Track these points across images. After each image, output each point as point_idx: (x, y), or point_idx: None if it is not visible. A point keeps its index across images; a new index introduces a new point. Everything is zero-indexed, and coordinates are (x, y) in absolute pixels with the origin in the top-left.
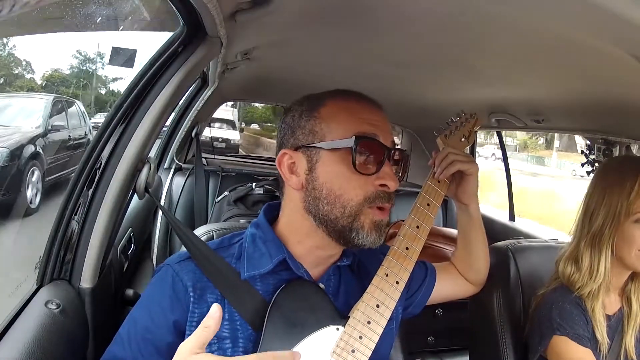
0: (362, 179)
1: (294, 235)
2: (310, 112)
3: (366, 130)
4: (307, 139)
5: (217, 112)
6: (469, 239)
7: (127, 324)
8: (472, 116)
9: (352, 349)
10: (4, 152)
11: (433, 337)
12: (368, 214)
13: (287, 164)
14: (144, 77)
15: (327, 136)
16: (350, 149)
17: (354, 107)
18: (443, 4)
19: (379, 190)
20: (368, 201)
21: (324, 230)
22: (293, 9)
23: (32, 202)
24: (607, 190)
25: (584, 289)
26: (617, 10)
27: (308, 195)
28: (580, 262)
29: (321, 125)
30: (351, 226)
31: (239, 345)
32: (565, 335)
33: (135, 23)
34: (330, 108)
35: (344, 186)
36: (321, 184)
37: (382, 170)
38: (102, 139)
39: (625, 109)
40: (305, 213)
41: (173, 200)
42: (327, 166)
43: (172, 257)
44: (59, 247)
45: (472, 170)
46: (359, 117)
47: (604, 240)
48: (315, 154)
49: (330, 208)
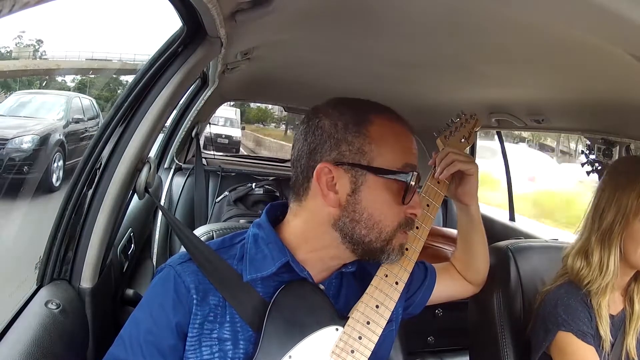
0: (400, 207)
1: (307, 244)
2: (357, 127)
3: (412, 161)
4: (354, 157)
5: (221, 111)
6: (469, 239)
7: (128, 325)
8: (472, 117)
9: (352, 349)
10: (35, 138)
11: (433, 337)
12: (399, 237)
13: (326, 179)
14: (144, 77)
15: (377, 159)
16: (401, 179)
17: (401, 133)
18: (443, 5)
19: (408, 217)
20: (401, 227)
21: (349, 247)
22: (293, 9)
23: (58, 181)
24: (618, 189)
25: (593, 284)
26: (617, 10)
27: (345, 216)
28: (590, 258)
29: (371, 146)
30: (384, 249)
31: (240, 347)
32: (570, 332)
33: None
34: (379, 128)
35: (385, 213)
36: (363, 207)
37: (414, 200)
38: (102, 139)
39: (625, 109)
40: (332, 229)
41: (173, 200)
42: (372, 191)
43: (174, 257)
44: (59, 247)
45: (473, 170)
46: (406, 146)
47: (614, 238)
48: (361, 175)
49: (367, 232)
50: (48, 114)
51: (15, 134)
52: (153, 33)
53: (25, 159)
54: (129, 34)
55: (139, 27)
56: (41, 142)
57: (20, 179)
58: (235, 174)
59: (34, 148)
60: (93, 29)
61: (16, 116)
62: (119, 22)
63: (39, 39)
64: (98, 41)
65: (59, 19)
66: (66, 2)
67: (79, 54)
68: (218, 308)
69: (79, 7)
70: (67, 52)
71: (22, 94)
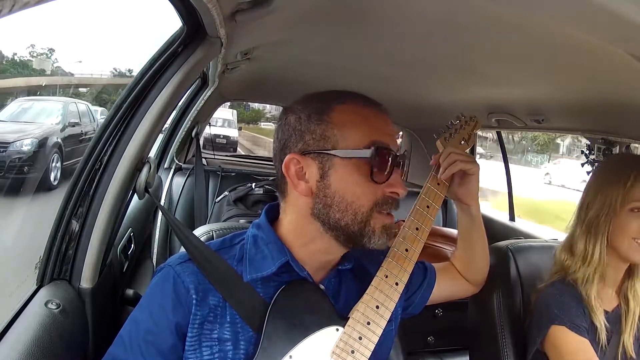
0: (374, 186)
1: (298, 239)
2: (320, 116)
3: (381, 139)
4: (318, 145)
5: (219, 113)
6: (470, 239)
7: (128, 325)
8: (472, 119)
9: (352, 350)
10: (34, 141)
11: (433, 337)
12: (378, 218)
13: (295, 170)
14: (144, 77)
15: (341, 143)
16: (367, 159)
17: (366, 114)
18: (443, 5)
19: (387, 196)
20: (377, 207)
21: (332, 235)
22: (293, 9)
23: (55, 180)
24: (604, 184)
25: (577, 273)
26: (617, 10)
27: (318, 202)
28: (574, 248)
29: (334, 130)
30: (362, 231)
31: (240, 348)
32: (563, 325)
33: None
34: (342, 113)
35: (357, 193)
36: (333, 191)
37: (393, 178)
38: (102, 139)
39: (625, 109)
40: (312, 218)
41: (173, 200)
42: (340, 174)
43: (173, 257)
44: (59, 247)
45: (474, 170)
46: (373, 126)
47: (600, 229)
48: (327, 160)
49: (341, 215)
50: (47, 119)
51: (16, 137)
52: (153, 33)
53: (25, 160)
54: (129, 34)
55: (139, 27)
56: (40, 144)
57: (21, 179)
58: (235, 174)
59: (34, 150)
60: (92, 29)
61: (17, 121)
62: (118, 22)
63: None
64: (98, 42)
65: (58, 18)
66: (66, 2)
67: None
68: (218, 308)
69: (78, 7)
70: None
71: (23, 101)
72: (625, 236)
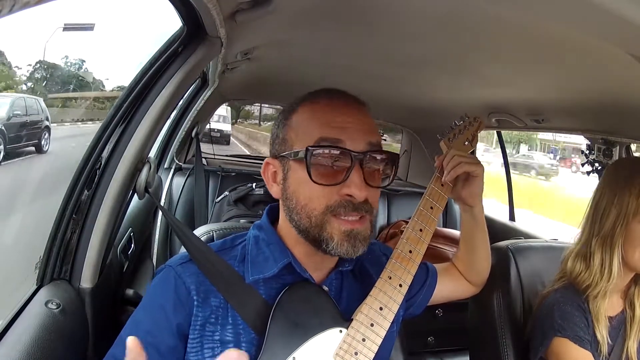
0: (325, 188)
1: (288, 240)
2: (284, 120)
3: (329, 134)
4: (280, 148)
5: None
6: (473, 240)
7: (128, 326)
8: (475, 120)
9: (355, 352)
10: None
11: (433, 338)
12: (334, 223)
13: (270, 173)
14: (144, 77)
15: (295, 145)
16: (304, 159)
17: (320, 110)
18: (443, 4)
19: (343, 199)
20: (330, 210)
21: (304, 238)
22: (293, 9)
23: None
24: (618, 191)
25: (594, 288)
26: (617, 10)
27: (285, 204)
28: (590, 261)
29: (290, 133)
30: (320, 236)
31: (242, 349)
32: (566, 337)
33: None
34: (300, 114)
35: (308, 196)
36: (291, 193)
37: (349, 179)
38: (102, 139)
39: (625, 109)
40: (288, 222)
41: (173, 200)
42: (295, 176)
43: (174, 258)
44: (59, 247)
45: (478, 171)
46: (323, 122)
47: (616, 240)
48: (286, 163)
49: (299, 218)
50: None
51: None
52: (153, 33)
53: None
54: (129, 34)
55: (139, 27)
56: None
57: None
58: (235, 174)
59: None
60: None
61: None
62: (118, 22)
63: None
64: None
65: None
66: (66, 2)
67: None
68: (219, 310)
69: (78, 7)
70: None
71: None
72: (636, 248)
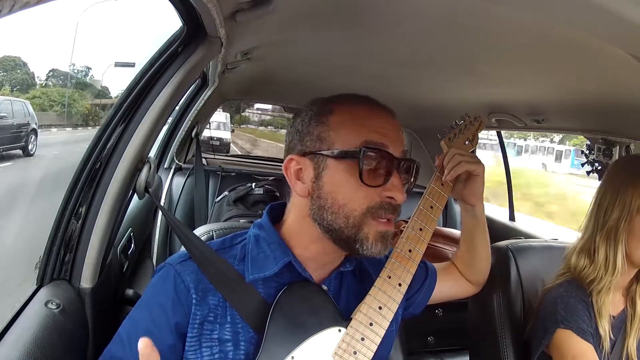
0: (368, 189)
1: (300, 240)
2: (318, 118)
3: (375, 139)
4: (314, 146)
5: (214, 116)
6: (473, 239)
7: (127, 324)
8: (476, 119)
9: (354, 351)
10: None
11: (433, 337)
12: (372, 225)
13: (294, 170)
14: (144, 77)
15: (335, 144)
16: (357, 158)
17: (363, 114)
18: (443, 4)
19: (384, 201)
20: (371, 212)
21: (329, 238)
22: (293, 9)
23: None
24: (622, 187)
25: (599, 283)
26: (617, 10)
27: (313, 203)
28: (594, 256)
29: (329, 132)
30: (355, 237)
31: (241, 348)
32: (570, 329)
33: None
34: (339, 115)
35: (348, 196)
36: (326, 192)
37: (390, 182)
38: (102, 139)
39: (625, 109)
40: (311, 220)
41: (173, 200)
42: (333, 175)
43: (173, 256)
44: (59, 247)
45: (479, 170)
46: (368, 125)
47: (620, 235)
48: (322, 161)
49: (334, 217)
50: None
51: None
52: (153, 33)
53: None
54: (129, 34)
55: (138, 27)
56: None
57: None
58: (235, 174)
59: None
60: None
61: None
62: (118, 22)
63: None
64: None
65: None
66: (66, 2)
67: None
68: (218, 308)
69: (78, 7)
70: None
71: None
72: (639, 244)
